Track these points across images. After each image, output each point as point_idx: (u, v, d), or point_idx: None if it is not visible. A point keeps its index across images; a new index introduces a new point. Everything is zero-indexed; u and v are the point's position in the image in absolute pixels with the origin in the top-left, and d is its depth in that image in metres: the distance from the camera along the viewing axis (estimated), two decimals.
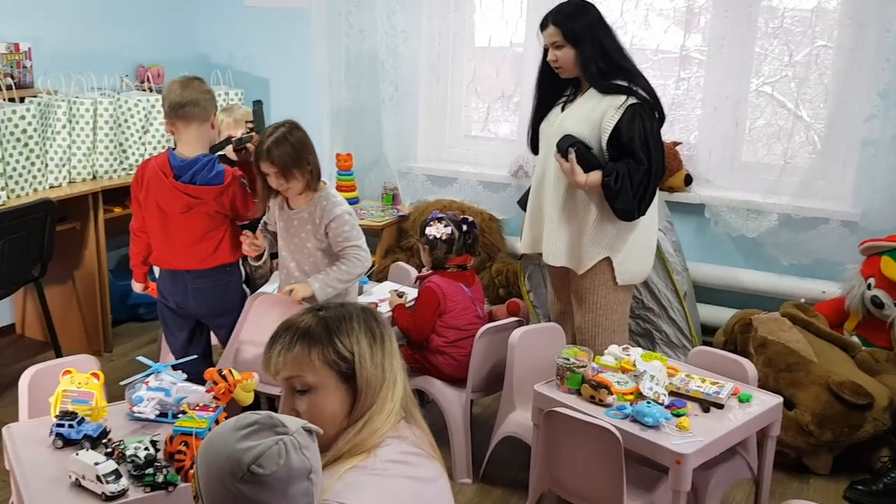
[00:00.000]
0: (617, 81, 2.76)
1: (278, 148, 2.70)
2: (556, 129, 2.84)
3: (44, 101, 3.73)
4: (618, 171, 2.70)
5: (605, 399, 2.42)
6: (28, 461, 2.06)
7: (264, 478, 1.18)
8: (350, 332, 1.47)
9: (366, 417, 1.46)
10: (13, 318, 4.21)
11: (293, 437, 1.22)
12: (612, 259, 2.86)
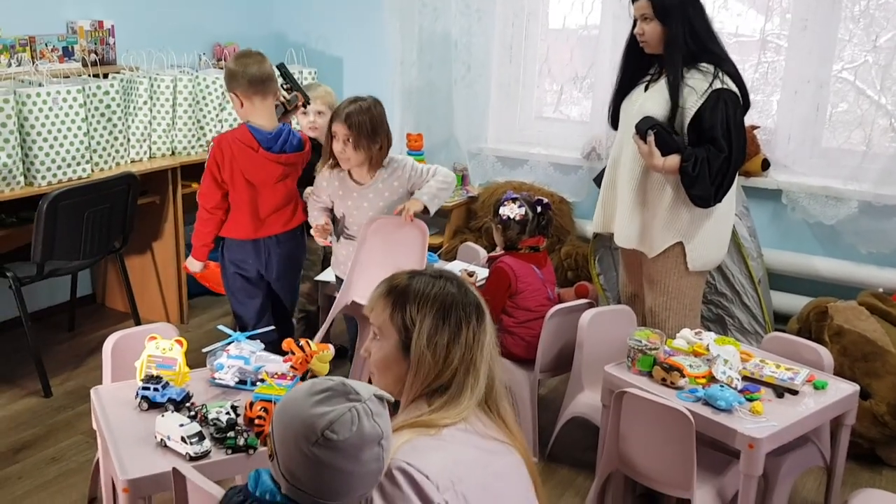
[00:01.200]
0: (703, 64, 2.69)
1: (359, 115, 2.74)
2: (637, 109, 2.79)
3: (126, 77, 3.85)
4: (697, 156, 2.64)
5: (677, 382, 2.40)
6: (115, 422, 2.14)
7: (337, 443, 1.24)
8: (423, 305, 1.49)
9: (437, 402, 1.48)
10: (93, 289, 4.37)
11: (365, 404, 1.27)
12: (685, 245, 2.81)
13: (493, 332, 1.55)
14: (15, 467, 2.85)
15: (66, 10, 3.91)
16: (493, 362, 1.53)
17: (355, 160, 2.81)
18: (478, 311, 1.51)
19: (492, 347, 1.53)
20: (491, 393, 1.52)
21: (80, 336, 3.96)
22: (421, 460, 1.37)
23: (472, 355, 1.48)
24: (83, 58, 3.87)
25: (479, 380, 1.49)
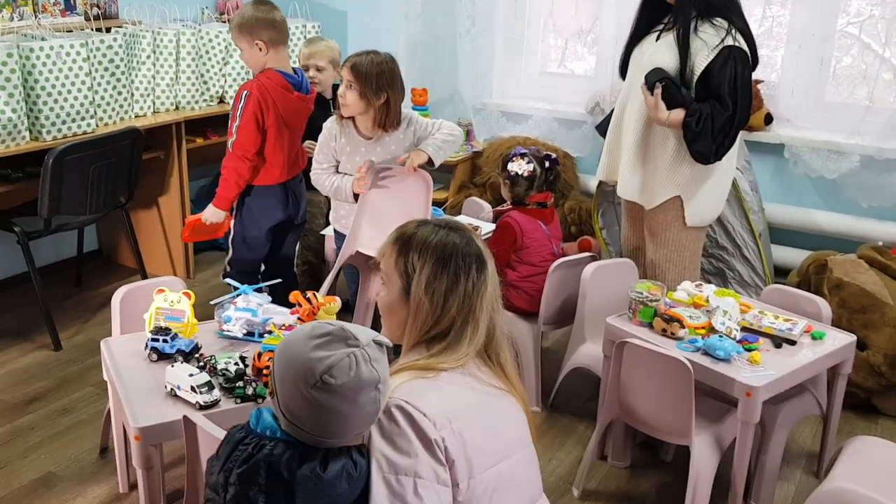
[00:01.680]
0: (717, 19, 2.65)
1: (367, 65, 2.74)
2: (647, 59, 2.77)
3: (129, 31, 3.82)
4: (701, 112, 2.63)
5: (677, 332, 2.44)
6: (125, 372, 2.19)
7: (335, 387, 1.30)
8: (423, 253, 1.52)
9: (435, 348, 1.52)
10: (99, 244, 4.41)
11: (364, 350, 1.33)
12: (683, 199, 2.81)
13: (496, 284, 1.57)
14: (27, 418, 2.91)
15: None
16: (494, 313, 1.55)
17: (354, 108, 2.80)
18: (478, 262, 1.53)
19: (493, 299, 1.55)
20: (491, 342, 1.56)
21: (88, 291, 4.01)
22: (418, 399, 1.41)
23: (471, 304, 1.51)
24: (85, 11, 3.85)
25: (478, 329, 1.52)
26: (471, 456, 1.43)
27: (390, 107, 2.81)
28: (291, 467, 1.32)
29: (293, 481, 1.32)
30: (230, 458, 1.37)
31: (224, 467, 1.37)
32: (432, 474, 1.38)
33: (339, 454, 1.36)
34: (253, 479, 1.33)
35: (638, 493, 2.63)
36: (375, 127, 2.87)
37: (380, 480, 1.37)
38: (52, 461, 2.69)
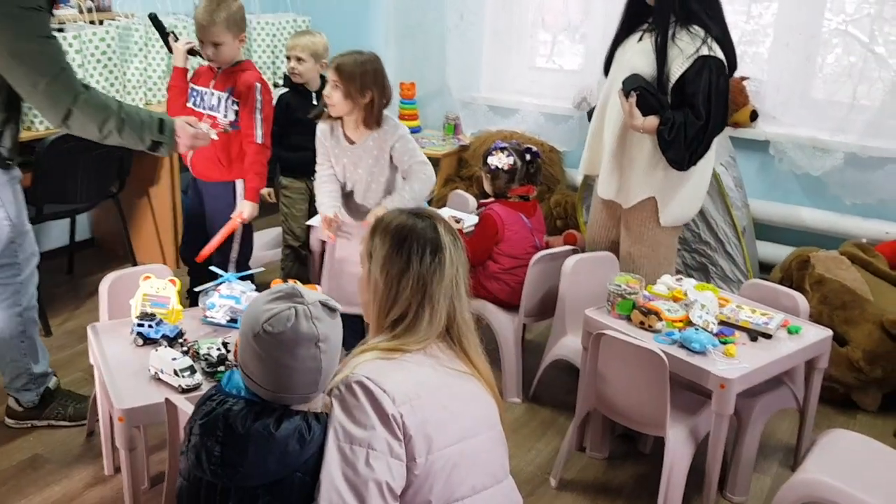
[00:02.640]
0: (694, 27, 2.66)
1: (351, 65, 2.76)
2: (627, 60, 2.80)
3: (121, 24, 3.86)
4: (674, 121, 2.65)
5: (655, 325, 2.48)
6: (111, 357, 2.24)
7: (274, 335, 1.42)
8: (384, 236, 1.60)
9: (394, 332, 1.58)
10: (92, 233, 4.45)
11: (307, 307, 1.43)
12: (658, 200, 2.85)
13: (458, 271, 1.61)
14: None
15: None
16: (455, 299, 1.60)
17: (340, 107, 2.82)
18: (433, 246, 1.58)
19: (453, 284, 1.60)
20: (453, 326, 1.61)
21: (79, 278, 4.05)
22: (380, 376, 1.47)
23: (426, 288, 1.56)
24: (79, 4, 3.88)
25: (436, 312, 1.57)
26: (430, 433, 1.48)
27: (375, 105, 2.83)
28: (246, 422, 1.42)
29: (247, 435, 1.41)
30: (197, 411, 1.48)
31: (190, 419, 1.48)
32: (385, 447, 1.43)
33: (294, 416, 1.44)
34: (211, 431, 1.44)
35: (615, 484, 2.67)
36: (361, 127, 2.87)
37: (334, 448, 1.44)
38: (40, 443, 2.73)
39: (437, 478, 1.50)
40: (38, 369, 2.75)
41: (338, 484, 1.42)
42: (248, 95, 3.03)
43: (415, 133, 4.44)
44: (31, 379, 2.73)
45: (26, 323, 2.67)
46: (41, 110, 2.39)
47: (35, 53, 2.27)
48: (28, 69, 2.27)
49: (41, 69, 2.27)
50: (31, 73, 2.27)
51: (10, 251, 2.58)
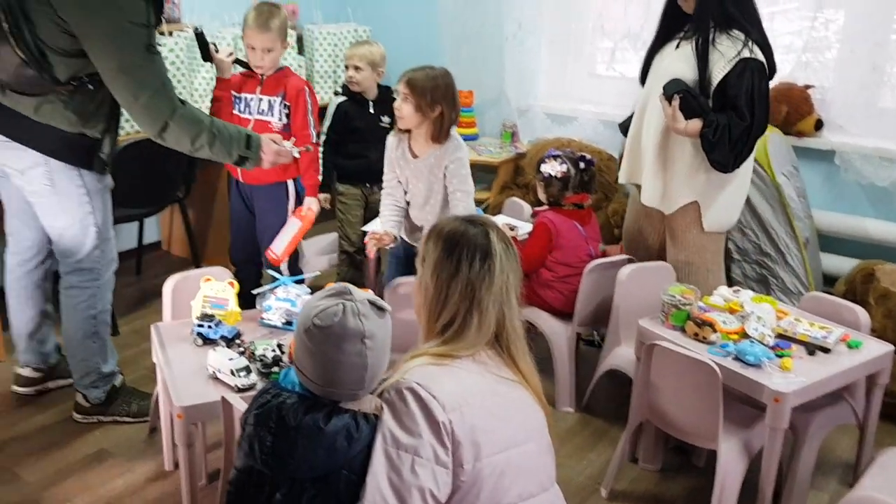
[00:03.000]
0: (734, 31, 2.70)
1: (422, 79, 2.79)
2: (666, 68, 2.82)
3: (189, 35, 3.97)
4: (718, 122, 2.67)
5: (709, 337, 2.45)
6: (172, 356, 2.32)
7: (322, 329, 1.47)
8: (436, 241, 1.64)
9: (444, 337, 1.60)
10: (160, 236, 4.60)
11: (355, 303, 1.49)
12: (700, 204, 2.87)
13: (509, 278, 1.62)
14: None
15: None
16: (505, 306, 1.62)
17: (409, 120, 2.84)
18: (483, 252, 1.60)
19: (503, 291, 1.61)
20: (502, 334, 1.62)
21: (147, 280, 4.19)
22: (431, 382, 1.50)
23: (475, 294, 1.58)
24: None
25: (484, 319, 1.59)
26: (478, 439, 1.50)
27: (444, 119, 2.84)
28: (298, 415, 1.48)
29: (297, 427, 1.47)
30: (253, 403, 1.55)
31: (247, 411, 1.56)
32: (431, 454, 1.45)
33: (344, 414, 1.49)
34: (265, 422, 1.50)
35: (667, 497, 2.65)
36: (428, 141, 2.88)
37: (381, 453, 1.47)
38: (105, 438, 2.84)
39: (484, 485, 1.52)
40: (107, 368, 2.87)
41: (382, 487, 1.45)
42: (299, 98, 3.16)
43: (472, 140, 4.50)
44: (99, 377, 2.85)
45: (99, 325, 2.80)
46: (139, 122, 2.49)
47: (140, 67, 2.38)
48: (132, 82, 2.39)
49: (144, 83, 2.39)
50: (134, 85, 2.39)
51: (93, 256, 2.72)
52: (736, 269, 3.53)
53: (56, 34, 2.35)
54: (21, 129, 2.49)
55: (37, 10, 2.32)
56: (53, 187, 2.57)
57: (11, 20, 2.31)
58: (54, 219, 2.64)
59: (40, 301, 2.93)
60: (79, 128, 2.52)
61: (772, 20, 3.80)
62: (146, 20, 2.37)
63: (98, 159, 2.60)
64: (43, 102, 2.45)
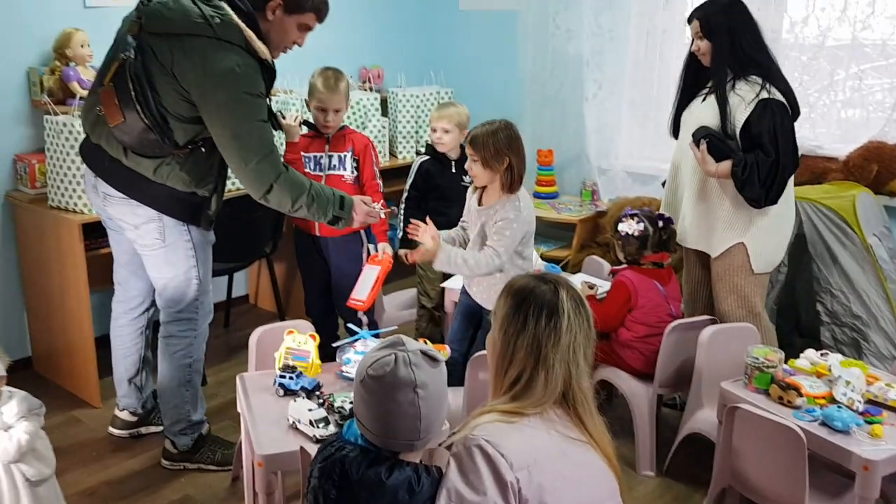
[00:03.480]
0: (752, 76, 2.88)
1: (484, 136, 2.82)
2: (694, 119, 3.02)
3: (280, 99, 4.18)
4: (746, 161, 2.83)
5: (794, 401, 2.39)
6: (255, 405, 2.39)
7: (375, 379, 1.51)
8: (507, 297, 1.65)
9: (511, 393, 1.60)
10: (248, 290, 4.77)
11: (406, 354, 1.52)
12: (746, 245, 2.98)
13: (576, 338, 1.61)
14: None
15: None
16: (573, 365, 1.60)
17: (482, 178, 2.87)
18: (550, 310, 1.60)
19: (571, 350, 1.60)
20: (569, 393, 1.60)
21: (234, 332, 4.33)
22: (500, 439, 1.50)
23: (542, 351, 1.58)
24: None
25: (551, 376, 1.58)
26: (546, 500, 1.49)
27: (514, 170, 2.85)
28: (360, 469, 1.50)
29: (360, 481, 1.49)
30: (318, 456, 1.59)
31: (312, 463, 1.59)
32: None
33: (406, 466, 1.51)
34: (329, 475, 1.53)
35: None
36: (502, 192, 2.88)
37: None
38: (191, 485, 2.93)
39: None
40: (196, 417, 2.98)
41: None
42: (366, 153, 3.42)
43: (552, 199, 4.53)
44: (188, 425, 2.96)
45: (193, 374, 2.93)
46: (246, 184, 2.64)
47: (251, 135, 2.54)
48: (243, 148, 2.54)
49: (255, 149, 2.54)
50: (245, 151, 2.55)
51: (192, 307, 2.87)
52: (826, 333, 3.42)
53: (177, 101, 2.51)
54: (139, 189, 2.67)
55: (160, 79, 2.49)
56: (164, 241, 2.75)
57: (139, 88, 2.48)
58: (161, 270, 2.81)
59: (141, 347, 3.10)
60: (191, 187, 2.69)
61: (862, 77, 3.75)
62: (260, 91, 2.54)
63: (206, 216, 2.78)
64: (161, 164, 2.62)
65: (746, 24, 2.93)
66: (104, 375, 3.46)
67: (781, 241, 3.06)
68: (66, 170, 3.26)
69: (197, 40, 2.44)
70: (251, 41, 2.49)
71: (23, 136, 3.59)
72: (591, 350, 1.65)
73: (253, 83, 2.50)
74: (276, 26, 2.63)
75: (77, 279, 3.33)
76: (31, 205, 3.47)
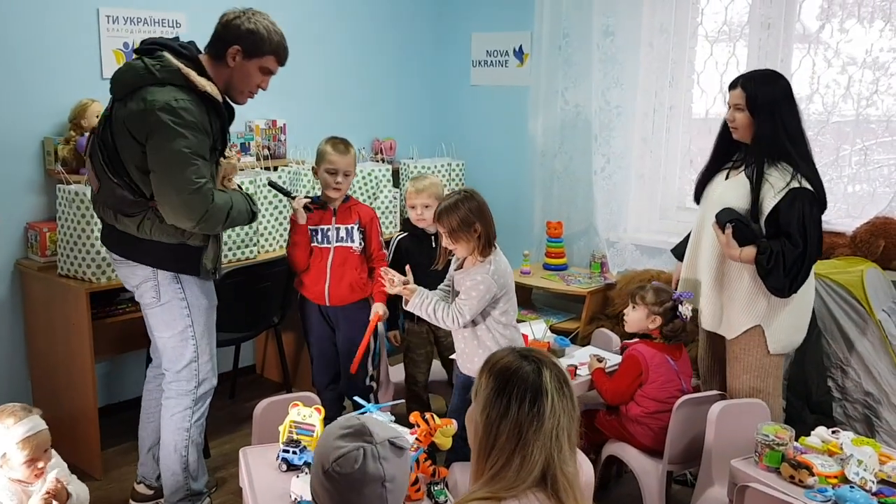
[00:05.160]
0: (783, 164, 2.81)
1: (448, 211, 2.83)
2: (719, 196, 2.96)
3: (293, 169, 4.24)
4: (772, 249, 2.76)
5: (806, 480, 2.33)
6: (258, 480, 2.35)
7: (341, 476, 1.46)
8: (488, 377, 1.59)
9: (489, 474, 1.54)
10: (255, 360, 4.74)
11: (374, 447, 1.48)
12: (764, 329, 2.92)
13: (559, 422, 1.54)
14: None
15: (247, 111, 4.39)
16: (555, 450, 1.52)
17: (461, 249, 2.87)
18: (534, 393, 1.53)
19: (555, 436, 1.53)
20: (548, 477, 1.52)
21: (240, 403, 4.30)
22: None
23: (521, 434, 1.51)
24: (257, 153, 4.33)
25: (527, 462, 1.50)
26: None
27: (482, 237, 2.84)
28: None
29: None
30: None
31: None
32: None
33: None
34: None
35: None
36: (477, 258, 2.87)
37: None
38: None
39: None
40: (196, 486, 2.94)
41: None
42: (373, 224, 3.47)
43: (561, 271, 4.53)
44: (187, 495, 2.91)
45: (191, 441, 2.90)
46: (178, 214, 2.65)
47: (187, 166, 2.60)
48: (177, 180, 2.59)
49: (188, 180, 2.60)
50: (179, 182, 2.60)
51: (191, 368, 2.90)
52: (837, 409, 3.36)
53: (135, 152, 2.63)
54: (132, 248, 2.77)
55: (121, 138, 2.64)
56: (159, 300, 2.81)
57: (104, 151, 2.67)
58: (160, 330, 2.87)
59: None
60: (179, 238, 2.75)
61: (868, 153, 3.78)
62: (201, 125, 2.62)
63: (202, 266, 2.82)
64: (143, 220, 2.71)
65: (791, 105, 2.84)
66: (107, 447, 3.43)
67: (801, 324, 2.98)
68: (77, 238, 3.30)
69: (142, 89, 2.59)
70: (191, 78, 2.61)
71: (35, 204, 3.65)
72: (575, 432, 1.58)
73: (191, 116, 2.59)
74: (238, 72, 2.76)
75: (83, 348, 3.33)
76: (39, 272, 3.50)
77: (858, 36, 3.71)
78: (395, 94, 5.15)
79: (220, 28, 2.75)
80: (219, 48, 2.74)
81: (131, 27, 3.83)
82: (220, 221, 2.72)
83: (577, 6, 4.42)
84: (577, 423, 1.59)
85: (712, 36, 4.18)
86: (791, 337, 2.98)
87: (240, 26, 2.71)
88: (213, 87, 2.67)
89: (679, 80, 4.27)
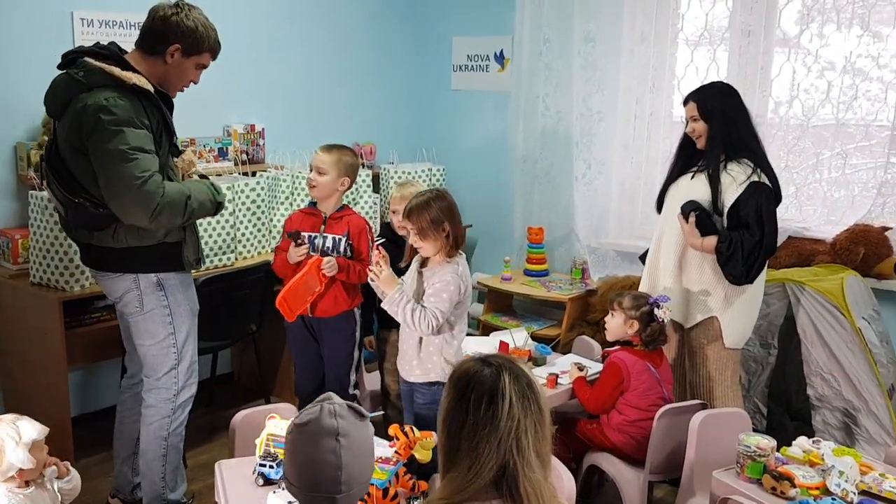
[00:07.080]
0: (744, 160, 3.04)
1: (418, 208, 2.82)
2: (683, 193, 3.15)
3: (271, 175, 4.19)
4: (731, 238, 2.97)
5: (788, 492, 2.33)
6: (233, 495, 2.30)
7: (300, 428, 1.61)
8: (450, 385, 1.58)
9: (446, 479, 1.53)
10: (232, 367, 4.69)
11: (332, 405, 1.60)
12: (720, 319, 3.12)
13: (518, 424, 1.49)
14: None
15: (226, 115, 4.35)
16: (513, 453, 1.48)
17: (428, 249, 2.85)
18: (490, 396, 1.49)
19: (514, 438, 1.49)
20: (503, 482, 1.49)
21: (217, 411, 4.24)
22: None
23: (475, 437, 1.48)
24: (235, 157, 4.27)
25: (477, 462, 1.47)
26: None
27: (451, 236, 2.83)
28: None
29: None
30: None
31: None
32: None
33: None
34: None
35: None
36: (444, 258, 2.86)
37: None
38: None
39: None
40: (174, 496, 2.91)
41: None
42: (361, 236, 3.34)
43: (542, 277, 4.52)
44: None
45: (169, 449, 2.90)
46: (133, 212, 2.62)
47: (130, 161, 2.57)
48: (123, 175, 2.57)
49: (133, 175, 2.57)
50: (126, 178, 2.57)
51: (171, 376, 2.88)
52: (817, 417, 3.37)
53: (78, 161, 2.62)
54: (113, 260, 2.75)
55: (65, 152, 2.65)
56: (142, 308, 2.80)
57: (61, 177, 2.68)
58: (142, 338, 2.86)
59: (138, 425, 3.01)
60: (156, 239, 2.74)
61: (847, 157, 3.79)
62: (138, 121, 2.59)
63: (185, 259, 2.83)
64: (116, 230, 2.70)
65: (739, 109, 3.08)
66: (81, 457, 3.36)
67: (752, 316, 3.19)
68: (50, 246, 3.24)
69: (73, 100, 2.60)
70: (115, 74, 2.59)
71: (7, 210, 3.59)
72: (543, 436, 1.53)
73: (123, 112, 2.57)
74: (175, 68, 2.75)
75: (56, 356, 3.28)
76: (11, 280, 3.43)
77: (837, 42, 3.73)
78: (375, 98, 5.12)
79: (156, 24, 2.71)
80: (154, 44, 2.71)
81: (106, 30, 3.77)
82: (177, 213, 2.68)
83: (557, 12, 4.41)
84: (546, 429, 1.54)
85: (693, 41, 4.18)
86: (744, 329, 3.17)
87: (179, 24, 2.69)
88: (141, 78, 2.64)
89: (660, 85, 4.27)
